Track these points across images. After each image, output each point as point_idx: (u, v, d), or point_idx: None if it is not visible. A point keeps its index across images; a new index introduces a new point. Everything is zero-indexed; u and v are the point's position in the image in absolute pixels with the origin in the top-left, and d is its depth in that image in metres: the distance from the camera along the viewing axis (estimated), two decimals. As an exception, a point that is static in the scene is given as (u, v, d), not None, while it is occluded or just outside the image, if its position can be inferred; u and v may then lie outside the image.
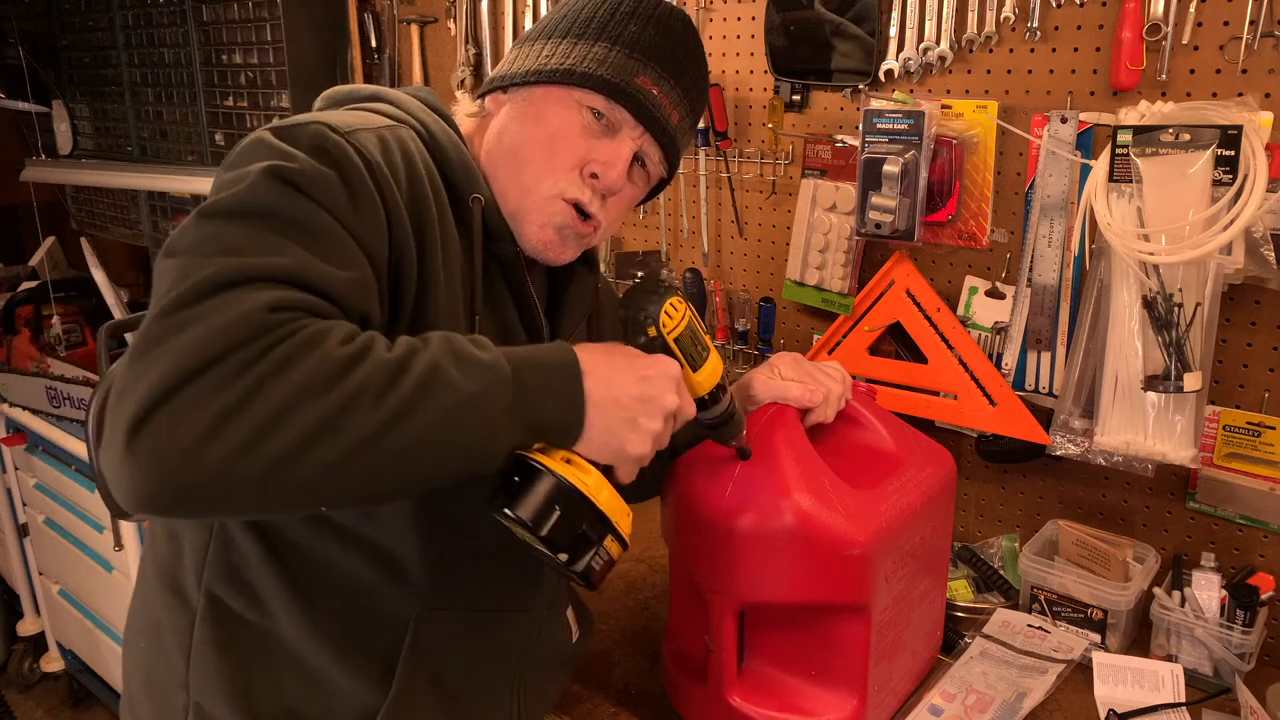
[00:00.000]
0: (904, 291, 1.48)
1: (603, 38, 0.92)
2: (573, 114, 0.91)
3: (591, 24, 0.93)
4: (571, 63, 0.91)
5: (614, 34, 0.92)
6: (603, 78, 0.90)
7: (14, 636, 2.72)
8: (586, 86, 0.90)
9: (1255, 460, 1.25)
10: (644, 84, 0.92)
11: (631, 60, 0.92)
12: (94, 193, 2.97)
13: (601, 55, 0.91)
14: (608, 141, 0.92)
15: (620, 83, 0.91)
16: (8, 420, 2.39)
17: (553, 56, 0.93)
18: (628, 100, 0.91)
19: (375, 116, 0.87)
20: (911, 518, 1.03)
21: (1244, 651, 1.17)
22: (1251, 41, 1.16)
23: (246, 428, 0.61)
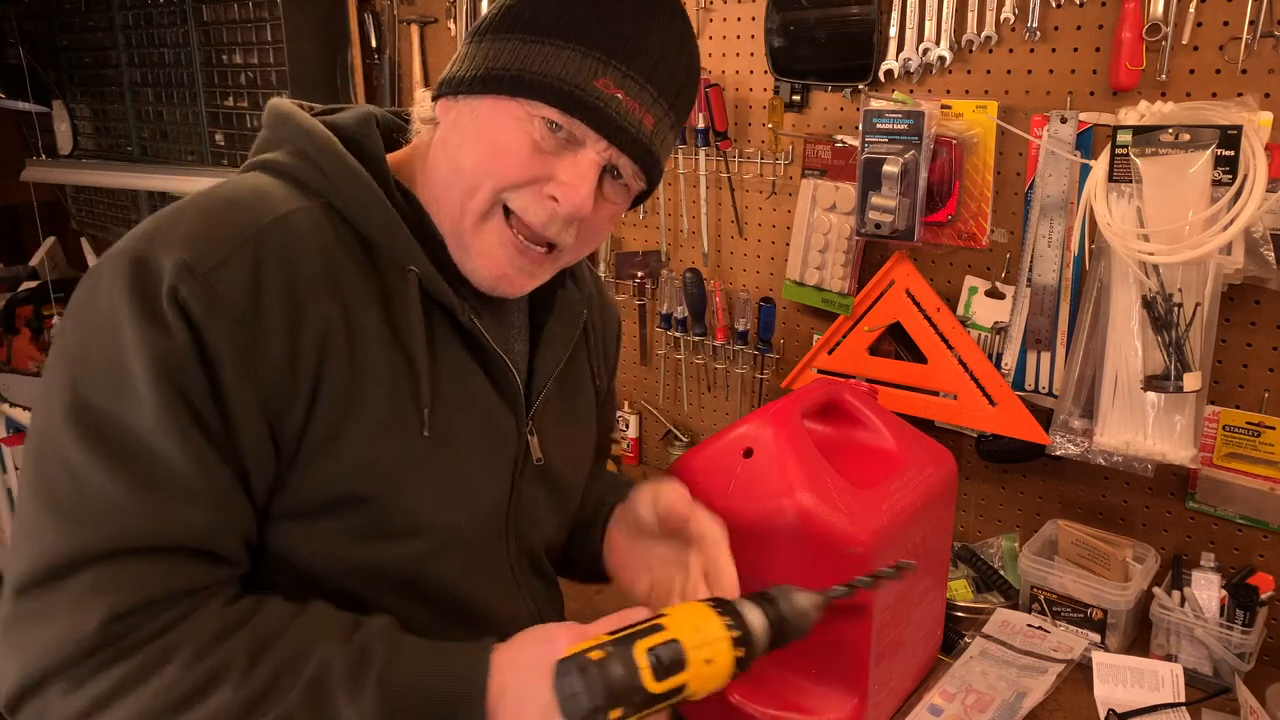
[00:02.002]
0: (904, 291, 1.49)
1: (554, 33, 0.78)
2: (522, 128, 0.78)
3: (542, 16, 0.78)
4: (519, 67, 0.78)
5: (568, 27, 0.78)
6: (552, 85, 0.76)
7: (13, 636, 2.71)
8: (535, 97, 0.77)
9: (1255, 460, 1.25)
10: (605, 88, 0.77)
11: (589, 60, 0.77)
12: (94, 193, 2.97)
13: (551, 55, 0.77)
14: (568, 158, 0.79)
15: (574, 89, 0.76)
16: (8, 420, 2.39)
17: (499, 58, 0.79)
18: (585, 110, 0.77)
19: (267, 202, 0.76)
20: (912, 517, 1.03)
21: (1244, 651, 1.17)
22: (1251, 41, 1.17)
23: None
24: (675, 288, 1.80)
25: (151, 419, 0.68)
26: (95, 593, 0.65)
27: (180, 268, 0.69)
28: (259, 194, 0.77)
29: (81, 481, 0.67)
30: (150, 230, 0.73)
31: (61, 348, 0.71)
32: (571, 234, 0.82)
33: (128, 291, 0.69)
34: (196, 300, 0.69)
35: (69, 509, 0.67)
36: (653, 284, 1.87)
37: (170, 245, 0.70)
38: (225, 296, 0.70)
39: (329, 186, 0.79)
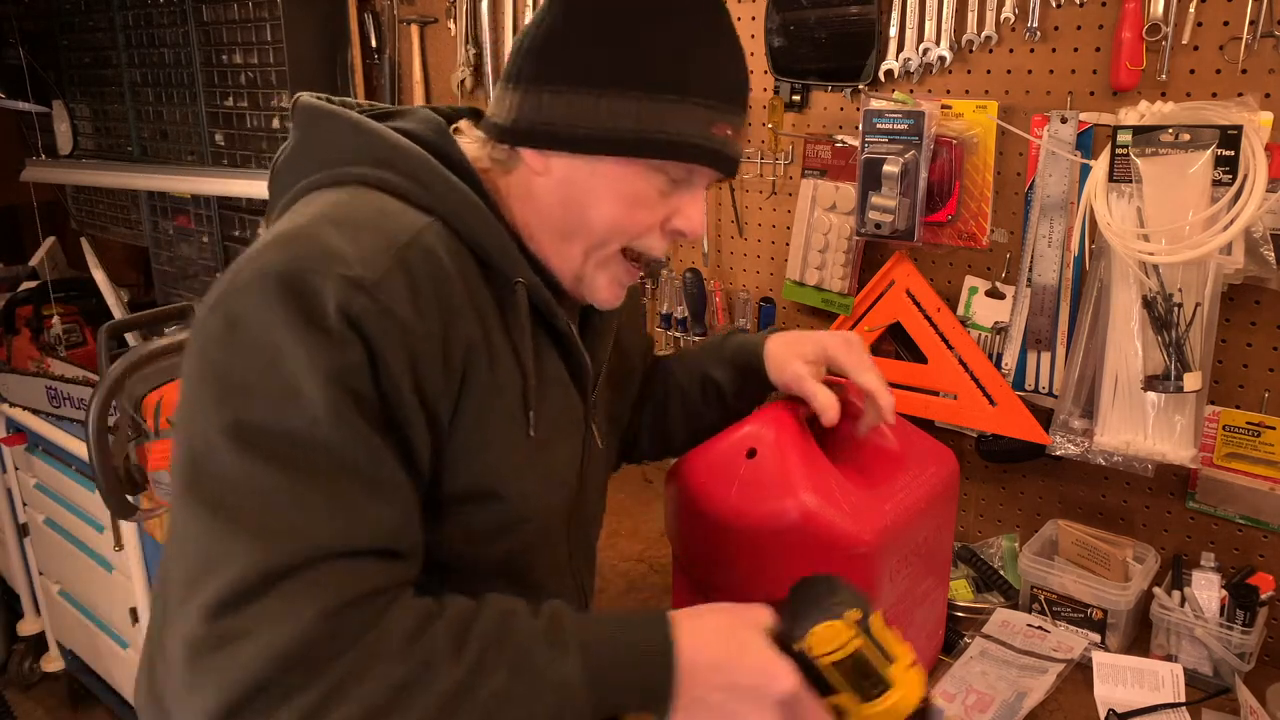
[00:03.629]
0: (904, 291, 1.49)
1: (669, 89, 0.79)
2: (650, 185, 0.82)
3: (653, 68, 0.79)
4: (641, 128, 0.79)
5: (682, 78, 0.79)
6: (684, 144, 0.80)
7: (14, 636, 2.71)
8: (667, 157, 0.80)
9: (1255, 460, 1.25)
10: (720, 132, 0.82)
11: (708, 111, 0.80)
12: (94, 193, 2.97)
13: (672, 112, 0.79)
14: (686, 194, 0.85)
15: (701, 143, 0.81)
16: (8, 420, 2.39)
17: (614, 117, 0.79)
18: (711, 158, 0.82)
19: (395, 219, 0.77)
20: (915, 517, 1.03)
21: (1244, 651, 1.17)
22: (1251, 41, 1.17)
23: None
24: (675, 288, 1.80)
25: (331, 429, 0.67)
26: (298, 601, 0.64)
27: (347, 283, 0.69)
28: (385, 212, 0.77)
29: (268, 499, 0.66)
30: (287, 254, 0.70)
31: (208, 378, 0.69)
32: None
33: (286, 312, 0.68)
34: (368, 313, 0.69)
35: (258, 527, 0.65)
36: (653, 284, 1.87)
37: (324, 263, 0.69)
38: (393, 308, 0.70)
39: (438, 203, 0.80)
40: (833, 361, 1.04)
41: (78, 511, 2.25)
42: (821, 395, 1.01)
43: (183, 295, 2.67)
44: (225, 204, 2.45)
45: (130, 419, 1.57)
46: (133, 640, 2.20)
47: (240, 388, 0.68)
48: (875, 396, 1.01)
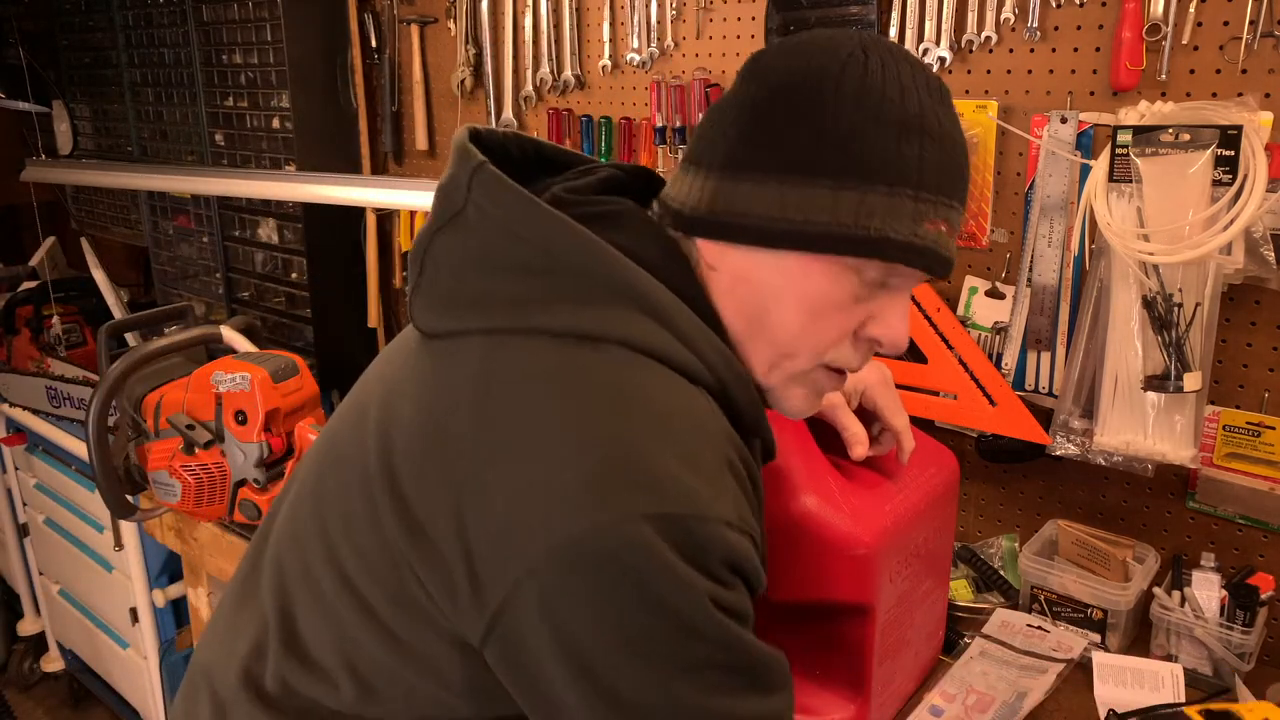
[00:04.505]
0: (904, 291, 1.48)
1: (877, 178, 0.68)
2: (843, 287, 0.71)
3: (859, 155, 0.68)
4: (843, 223, 0.69)
5: (891, 168, 0.68)
6: (886, 240, 0.69)
7: (14, 636, 2.72)
8: (867, 255, 0.69)
9: (1255, 460, 1.25)
10: (932, 226, 0.70)
11: (920, 204, 0.69)
12: (94, 193, 2.97)
13: (876, 205, 0.68)
14: (886, 297, 0.73)
15: (910, 240, 0.69)
16: (8, 420, 2.39)
17: (808, 210, 0.69)
18: (923, 258, 0.70)
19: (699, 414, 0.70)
20: (916, 518, 1.03)
21: (1244, 651, 1.17)
22: (1251, 41, 1.17)
23: None
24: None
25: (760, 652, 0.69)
26: None
27: (719, 527, 0.64)
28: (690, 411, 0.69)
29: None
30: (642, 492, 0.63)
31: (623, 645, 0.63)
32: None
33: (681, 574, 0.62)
34: (746, 554, 0.67)
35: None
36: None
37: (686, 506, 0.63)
38: (752, 530, 0.68)
39: (708, 374, 0.72)
40: (869, 400, 1.00)
41: (78, 511, 2.26)
42: (854, 427, 0.97)
43: (183, 295, 2.67)
44: (225, 204, 2.45)
45: (130, 419, 1.57)
46: (133, 640, 2.20)
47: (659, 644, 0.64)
48: (901, 440, 0.99)
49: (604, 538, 0.61)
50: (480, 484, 0.65)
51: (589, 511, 0.62)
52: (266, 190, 2.23)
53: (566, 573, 0.62)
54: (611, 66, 1.81)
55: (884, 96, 0.69)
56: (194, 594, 1.83)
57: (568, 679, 0.64)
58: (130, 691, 2.33)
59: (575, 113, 1.90)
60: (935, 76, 0.73)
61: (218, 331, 1.68)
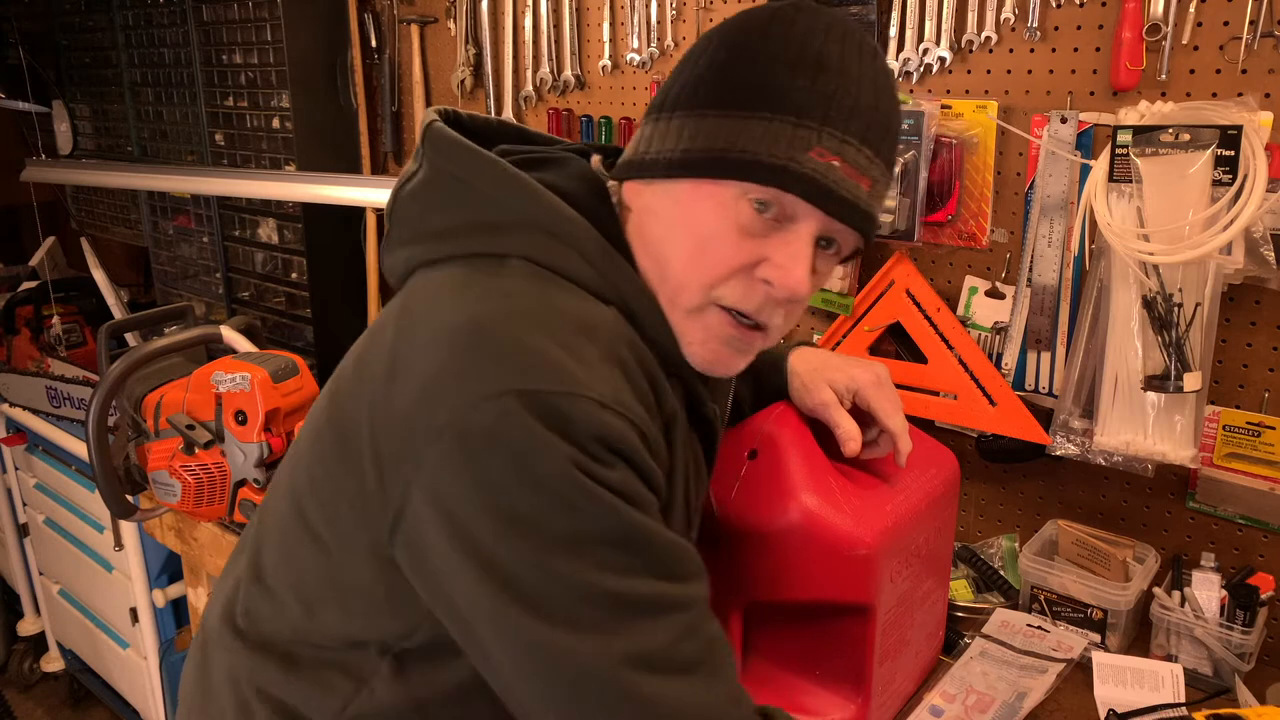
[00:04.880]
0: (904, 291, 1.49)
1: (760, 105, 0.71)
2: (727, 212, 0.73)
3: (743, 86, 0.72)
4: (722, 146, 0.72)
5: (774, 96, 0.71)
6: (761, 162, 0.70)
7: (14, 636, 2.72)
8: (743, 177, 0.71)
9: (1255, 460, 1.25)
10: (820, 157, 0.71)
11: (801, 130, 0.71)
12: (94, 193, 2.97)
13: (760, 131, 0.71)
14: (778, 236, 0.74)
15: (787, 164, 0.70)
16: (8, 420, 2.39)
17: (696, 138, 0.73)
18: (800, 184, 0.71)
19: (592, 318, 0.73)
20: (916, 518, 1.03)
21: (1244, 651, 1.17)
22: (1251, 41, 1.17)
23: None
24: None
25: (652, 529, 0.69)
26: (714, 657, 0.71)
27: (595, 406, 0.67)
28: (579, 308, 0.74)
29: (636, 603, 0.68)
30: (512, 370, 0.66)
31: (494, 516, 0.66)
32: (782, 314, 0.78)
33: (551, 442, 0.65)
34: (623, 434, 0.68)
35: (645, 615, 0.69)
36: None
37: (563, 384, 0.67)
38: (634, 419, 0.70)
39: (613, 292, 0.76)
40: (862, 400, 1.00)
41: (78, 511, 2.26)
42: (846, 424, 0.98)
43: (183, 295, 2.67)
44: (225, 204, 2.45)
45: (130, 419, 1.57)
46: (133, 640, 2.20)
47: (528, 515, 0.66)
48: (898, 443, 0.99)
49: (472, 414, 0.65)
50: (386, 393, 0.71)
51: (461, 393, 0.66)
52: (266, 190, 2.23)
53: (445, 455, 0.65)
54: (611, 66, 1.81)
55: (786, 38, 0.73)
56: (194, 594, 1.83)
57: (459, 564, 0.67)
58: (130, 691, 2.33)
59: (575, 113, 1.90)
60: (859, 33, 0.75)
61: (218, 331, 1.68)
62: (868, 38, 0.76)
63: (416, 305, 0.75)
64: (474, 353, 0.67)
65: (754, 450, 1.00)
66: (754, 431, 1.02)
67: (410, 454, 0.67)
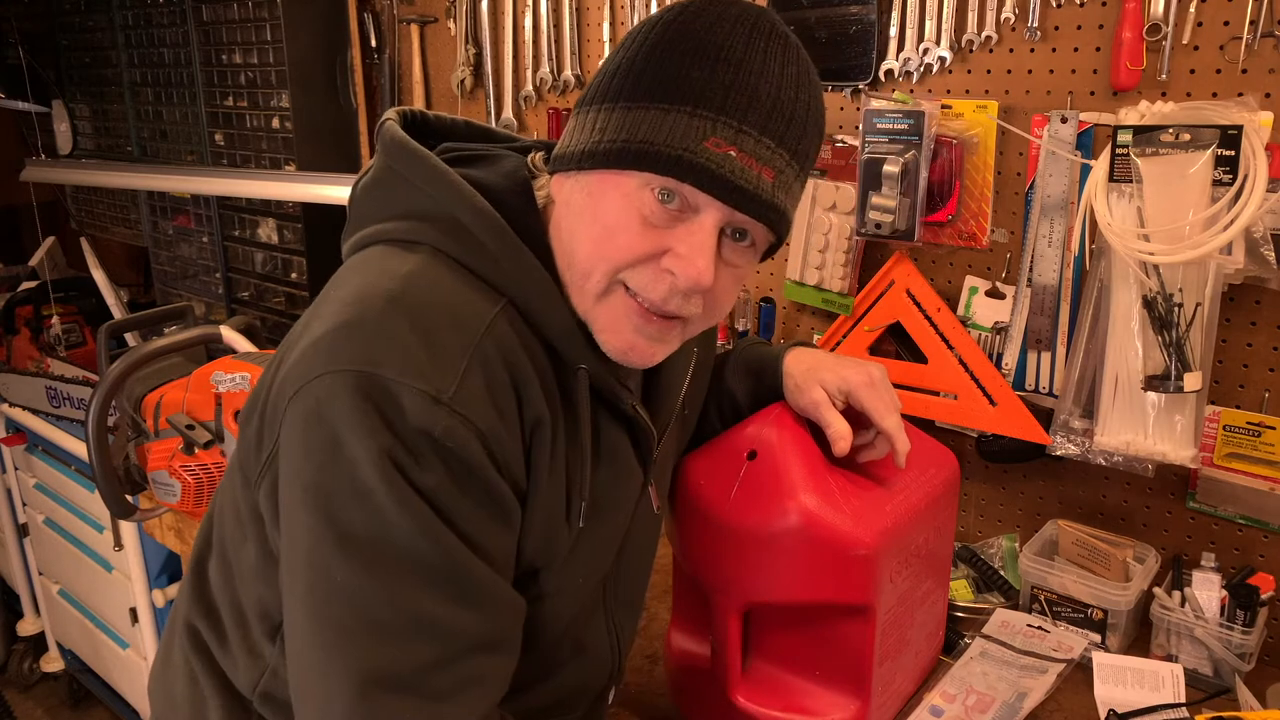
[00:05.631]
0: (904, 291, 1.49)
1: (656, 96, 0.73)
2: (631, 202, 0.75)
3: (644, 79, 0.74)
4: (624, 139, 0.74)
5: (669, 88, 0.73)
6: (659, 152, 0.72)
7: (14, 636, 2.72)
8: (641, 167, 0.73)
9: (1255, 460, 1.25)
10: (715, 147, 0.72)
11: (696, 120, 0.72)
12: (94, 193, 2.97)
13: (655, 120, 0.73)
14: (682, 228, 0.75)
15: (682, 154, 0.72)
16: (8, 420, 2.39)
17: (605, 130, 0.75)
18: (695, 174, 0.72)
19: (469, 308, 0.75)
20: (916, 518, 1.03)
21: (1244, 651, 1.17)
22: (1251, 41, 1.17)
23: None
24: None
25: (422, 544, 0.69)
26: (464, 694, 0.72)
27: (425, 399, 0.68)
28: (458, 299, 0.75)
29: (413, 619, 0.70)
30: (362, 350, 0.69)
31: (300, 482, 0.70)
32: (696, 304, 0.79)
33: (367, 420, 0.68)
34: (450, 431, 0.69)
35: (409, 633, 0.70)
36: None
37: (401, 371, 0.69)
38: (472, 418, 0.70)
39: (510, 284, 0.77)
40: (855, 401, 0.99)
41: (78, 511, 2.26)
42: (837, 424, 0.98)
43: (182, 295, 2.67)
44: (225, 204, 2.45)
45: (130, 419, 1.57)
46: (133, 640, 2.21)
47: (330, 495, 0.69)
48: (894, 443, 0.98)
49: (313, 387, 0.69)
50: (280, 360, 0.77)
51: (316, 365, 0.70)
52: (266, 190, 2.23)
53: (292, 419, 0.71)
54: (611, 66, 1.80)
55: (691, 30, 0.74)
56: (194, 594, 1.83)
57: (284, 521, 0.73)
58: (130, 691, 2.33)
59: (575, 113, 1.90)
60: (771, 26, 0.76)
61: (217, 331, 1.68)
62: (782, 30, 0.77)
63: (332, 287, 0.81)
64: (342, 328, 0.71)
65: (753, 451, 1.00)
66: (753, 433, 1.02)
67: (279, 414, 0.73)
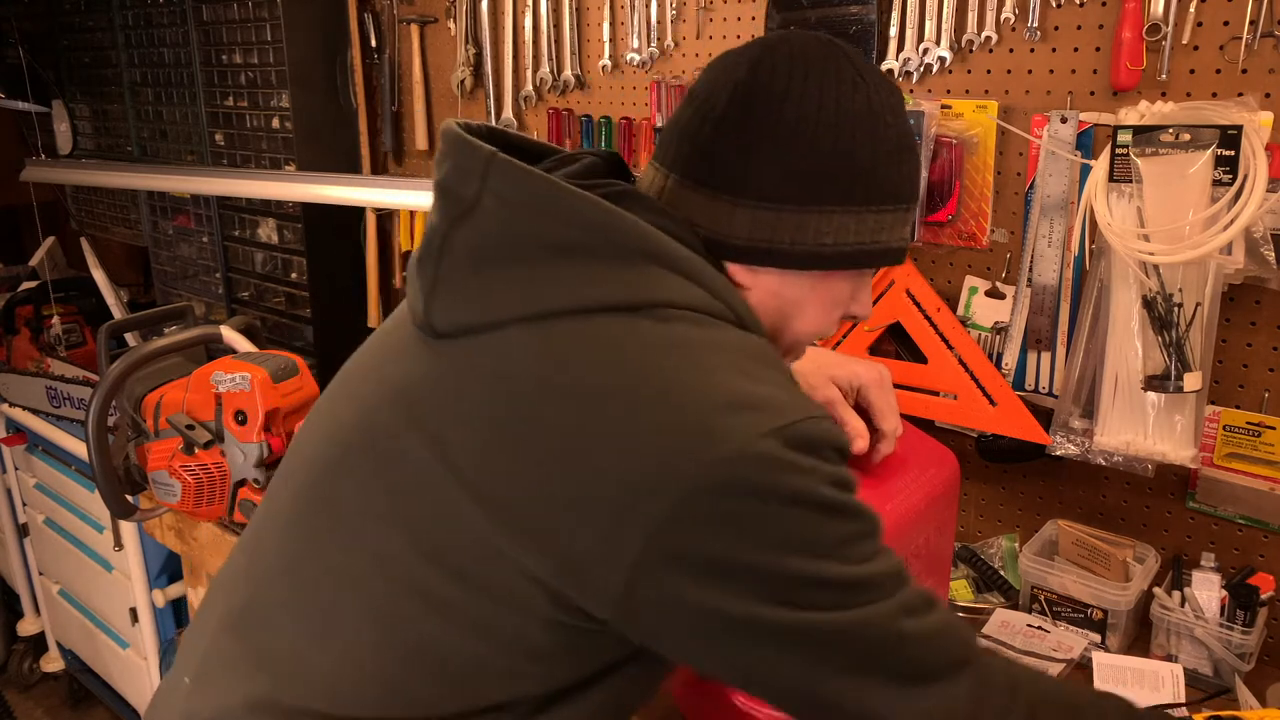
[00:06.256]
0: (904, 291, 1.49)
1: (888, 198, 0.79)
2: (851, 284, 0.84)
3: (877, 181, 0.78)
4: (861, 243, 0.79)
5: (896, 186, 0.80)
6: (895, 249, 0.82)
7: (14, 636, 2.72)
8: (882, 265, 0.82)
9: (1255, 460, 1.25)
10: (909, 230, 0.85)
11: (908, 213, 0.82)
12: (94, 193, 2.97)
13: (886, 223, 0.80)
14: (862, 282, 0.87)
15: (901, 246, 0.83)
16: (8, 420, 2.39)
17: (835, 232, 0.78)
18: (901, 257, 0.83)
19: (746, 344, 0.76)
20: (916, 518, 1.03)
21: (1244, 651, 1.17)
22: (1251, 41, 1.17)
23: None
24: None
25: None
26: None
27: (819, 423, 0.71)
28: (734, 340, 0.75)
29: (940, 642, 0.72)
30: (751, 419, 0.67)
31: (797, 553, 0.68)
32: None
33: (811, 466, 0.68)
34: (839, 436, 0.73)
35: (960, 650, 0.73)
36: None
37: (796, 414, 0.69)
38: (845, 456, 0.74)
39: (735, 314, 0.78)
40: (864, 398, 1.01)
41: (78, 511, 2.26)
42: (853, 422, 0.99)
43: (183, 295, 2.67)
44: (225, 204, 2.45)
45: (130, 419, 1.57)
46: (133, 640, 2.21)
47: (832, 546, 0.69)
48: (885, 441, 1.01)
49: (732, 467, 0.65)
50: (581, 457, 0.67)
51: (706, 450, 0.65)
52: (266, 190, 2.23)
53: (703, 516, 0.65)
54: (611, 66, 1.81)
55: (905, 126, 0.80)
56: (194, 594, 1.83)
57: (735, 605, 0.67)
58: (130, 692, 2.33)
59: (575, 113, 1.90)
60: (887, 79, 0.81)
61: (217, 331, 1.67)
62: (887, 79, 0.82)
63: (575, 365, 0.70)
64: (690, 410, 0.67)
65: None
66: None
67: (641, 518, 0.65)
